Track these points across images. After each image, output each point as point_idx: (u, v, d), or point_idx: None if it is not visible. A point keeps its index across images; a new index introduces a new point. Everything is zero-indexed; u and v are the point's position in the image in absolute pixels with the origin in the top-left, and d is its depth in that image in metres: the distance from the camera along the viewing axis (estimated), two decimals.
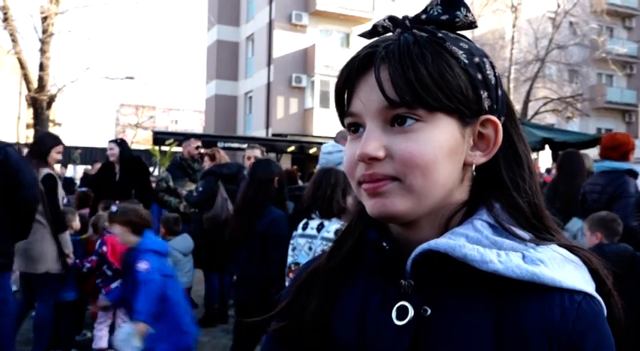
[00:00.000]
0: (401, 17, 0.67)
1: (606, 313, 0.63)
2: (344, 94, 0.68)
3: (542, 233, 0.67)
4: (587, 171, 4.00)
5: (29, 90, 13.49)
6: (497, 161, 0.68)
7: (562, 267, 0.62)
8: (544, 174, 8.69)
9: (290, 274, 2.97)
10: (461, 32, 0.68)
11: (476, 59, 0.65)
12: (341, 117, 0.70)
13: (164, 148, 16.46)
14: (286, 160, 18.45)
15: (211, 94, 25.65)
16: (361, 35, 0.72)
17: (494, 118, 0.66)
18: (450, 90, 0.62)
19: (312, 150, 17.16)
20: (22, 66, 13.40)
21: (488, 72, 0.66)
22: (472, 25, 0.67)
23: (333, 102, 0.70)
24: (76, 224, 4.38)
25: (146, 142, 29.99)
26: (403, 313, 0.65)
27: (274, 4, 21.04)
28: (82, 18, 69.68)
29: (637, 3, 28.36)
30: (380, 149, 0.63)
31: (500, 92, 0.68)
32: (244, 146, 11.67)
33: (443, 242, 0.62)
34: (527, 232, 0.66)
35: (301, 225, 2.98)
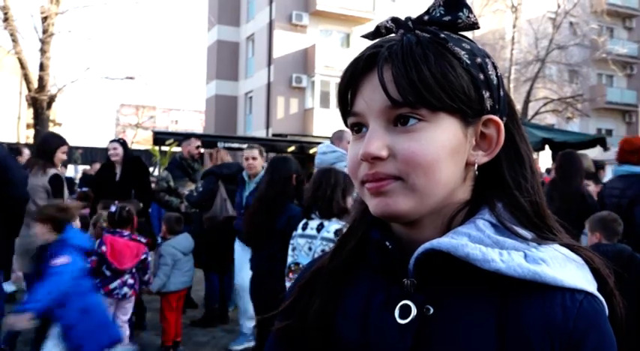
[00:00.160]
0: (404, 18, 0.68)
1: (608, 313, 0.63)
2: (347, 94, 0.68)
3: (544, 232, 0.67)
4: (585, 171, 4.00)
5: (29, 90, 13.47)
6: (499, 161, 0.69)
7: (564, 266, 0.63)
8: (544, 174, 8.69)
9: (290, 274, 2.97)
10: (462, 33, 0.68)
11: (478, 60, 0.65)
12: (344, 117, 0.70)
13: (164, 148, 16.44)
14: None
15: (211, 94, 25.64)
16: (364, 36, 0.72)
17: (496, 118, 0.67)
18: (453, 90, 0.62)
19: (312, 150, 17.10)
20: (23, 66, 13.38)
21: (490, 72, 0.66)
22: (474, 26, 0.67)
23: (334, 102, 0.71)
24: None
25: (146, 142, 29.96)
26: (406, 312, 0.65)
27: (274, 5, 21.03)
28: (82, 18, 69.85)
29: (637, 3, 28.36)
30: (383, 149, 0.63)
31: (502, 92, 0.68)
32: (244, 146, 11.63)
33: (445, 241, 0.63)
34: (529, 232, 0.66)
35: (301, 225, 2.98)
